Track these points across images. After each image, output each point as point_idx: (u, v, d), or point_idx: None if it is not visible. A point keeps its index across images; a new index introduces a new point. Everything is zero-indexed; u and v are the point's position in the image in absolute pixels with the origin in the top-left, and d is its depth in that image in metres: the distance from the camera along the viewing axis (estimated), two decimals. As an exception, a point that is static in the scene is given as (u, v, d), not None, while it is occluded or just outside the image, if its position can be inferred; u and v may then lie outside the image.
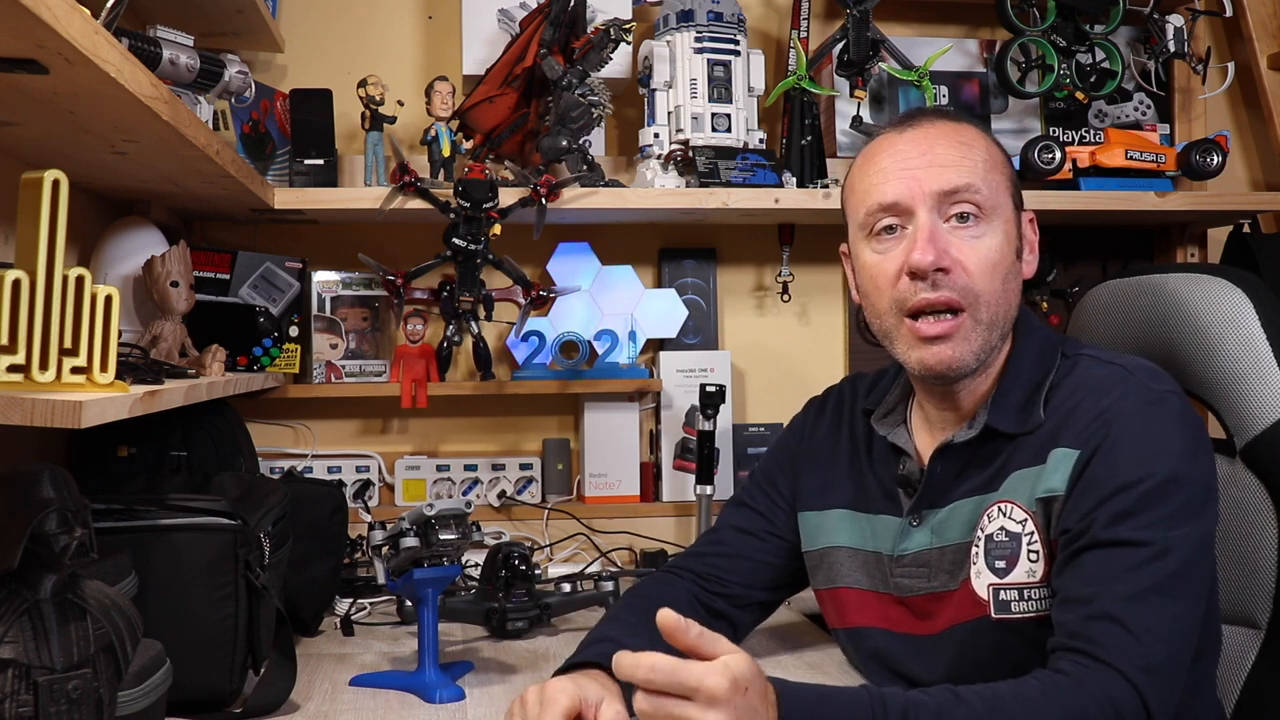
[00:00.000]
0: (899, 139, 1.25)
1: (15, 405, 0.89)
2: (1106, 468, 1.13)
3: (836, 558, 1.34)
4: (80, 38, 0.90)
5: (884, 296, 1.23)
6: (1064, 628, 1.09)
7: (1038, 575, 1.17)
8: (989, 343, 1.21)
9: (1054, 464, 1.16)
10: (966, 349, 1.20)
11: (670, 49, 2.01)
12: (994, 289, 1.20)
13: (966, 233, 1.20)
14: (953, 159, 1.21)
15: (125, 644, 0.99)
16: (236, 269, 1.87)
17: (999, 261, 1.20)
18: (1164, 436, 1.14)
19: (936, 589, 1.24)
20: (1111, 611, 1.06)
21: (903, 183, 1.21)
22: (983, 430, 1.22)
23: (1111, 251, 2.31)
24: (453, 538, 1.36)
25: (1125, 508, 1.10)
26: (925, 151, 1.22)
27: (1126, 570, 1.08)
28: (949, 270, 1.18)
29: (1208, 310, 1.37)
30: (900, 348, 1.23)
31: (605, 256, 2.16)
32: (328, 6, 2.14)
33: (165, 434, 1.62)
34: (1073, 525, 1.13)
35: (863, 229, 1.26)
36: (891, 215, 1.22)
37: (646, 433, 2.18)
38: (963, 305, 1.19)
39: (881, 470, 1.33)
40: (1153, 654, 1.05)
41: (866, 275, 1.26)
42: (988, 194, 1.21)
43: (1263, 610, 1.31)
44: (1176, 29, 2.16)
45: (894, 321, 1.23)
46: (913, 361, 1.22)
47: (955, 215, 1.20)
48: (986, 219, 1.21)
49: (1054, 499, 1.15)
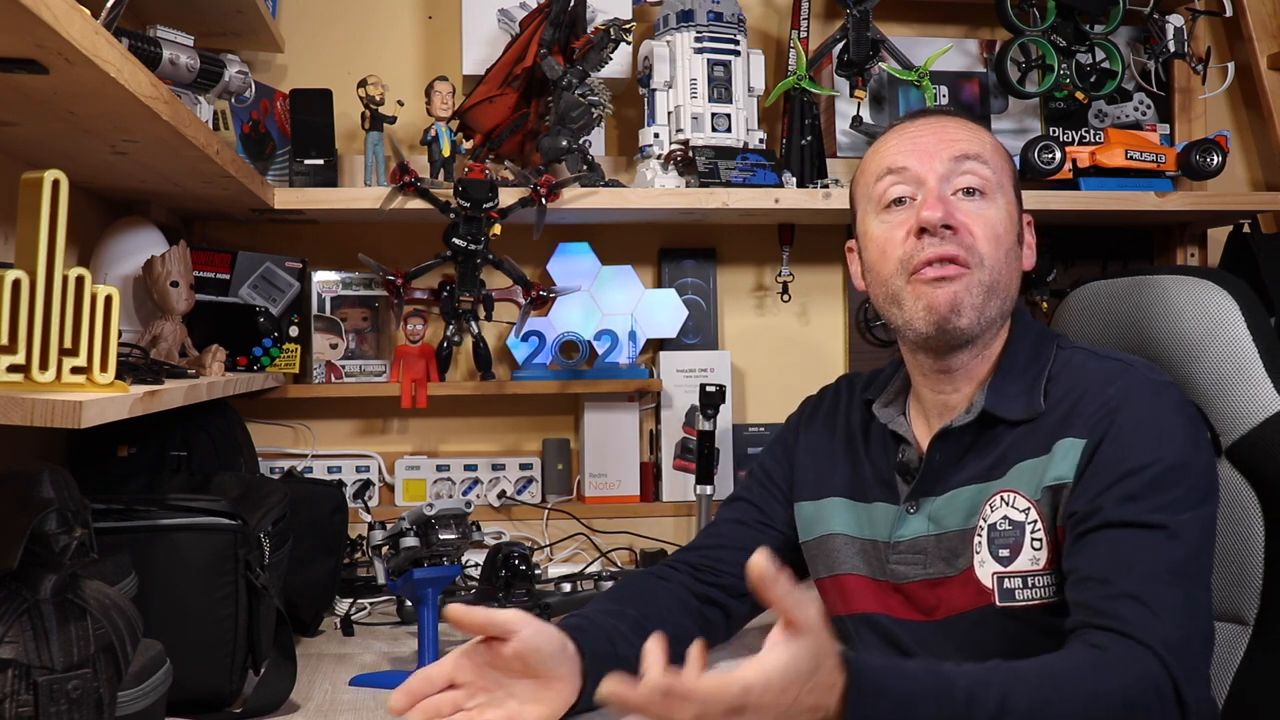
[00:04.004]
0: (911, 124, 1.31)
1: (15, 405, 0.89)
2: (1114, 453, 1.15)
3: (834, 545, 1.35)
4: (80, 38, 0.90)
5: (890, 261, 1.26)
6: (1086, 606, 1.10)
7: (1041, 563, 1.18)
8: (988, 306, 1.23)
9: (1061, 453, 1.18)
10: (969, 299, 1.22)
11: (670, 49, 2.01)
12: (997, 256, 1.24)
13: (972, 204, 1.25)
14: (964, 135, 1.28)
15: (125, 644, 0.99)
16: (236, 269, 1.87)
17: (1003, 234, 1.25)
18: (1169, 424, 1.17)
19: (932, 575, 1.25)
20: (1131, 591, 1.07)
21: (914, 154, 1.27)
22: (981, 415, 1.24)
23: (1111, 251, 2.31)
24: (453, 538, 1.36)
25: (1135, 490, 1.12)
26: (937, 130, 1.28)
27: (1141, 552, 1.10)
28: (955, 230, 1.22)
29: (1193, 312, 1.39)
30: (907, 304, 1.25)
31: (605, 256, 2.16)
32: (328, 6, 2.14)
33: (165, 434, 1.62)
34: (1081, 508, 1.14)
35: (873, 202, 1.29)
36: (901, 181, 1.26)
37: (646, 433, 2.18)
38: (967, 261, 1.22)
39: (878, 458, 1.34)
40: (1172, 633, 1.06)
41: (875, 246, 1.29)
42: (994, 171, 1.26)
43: (1250, 606, 1.32)
44: (1176, 29, 2.16)
45: (900, 282, 1.25)
46: (920, 310, 1.23)
47: (962, 189, 1.25)
48: (991, 196, 1.25)
49: (1062, 486, 1.17)
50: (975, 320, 1.23)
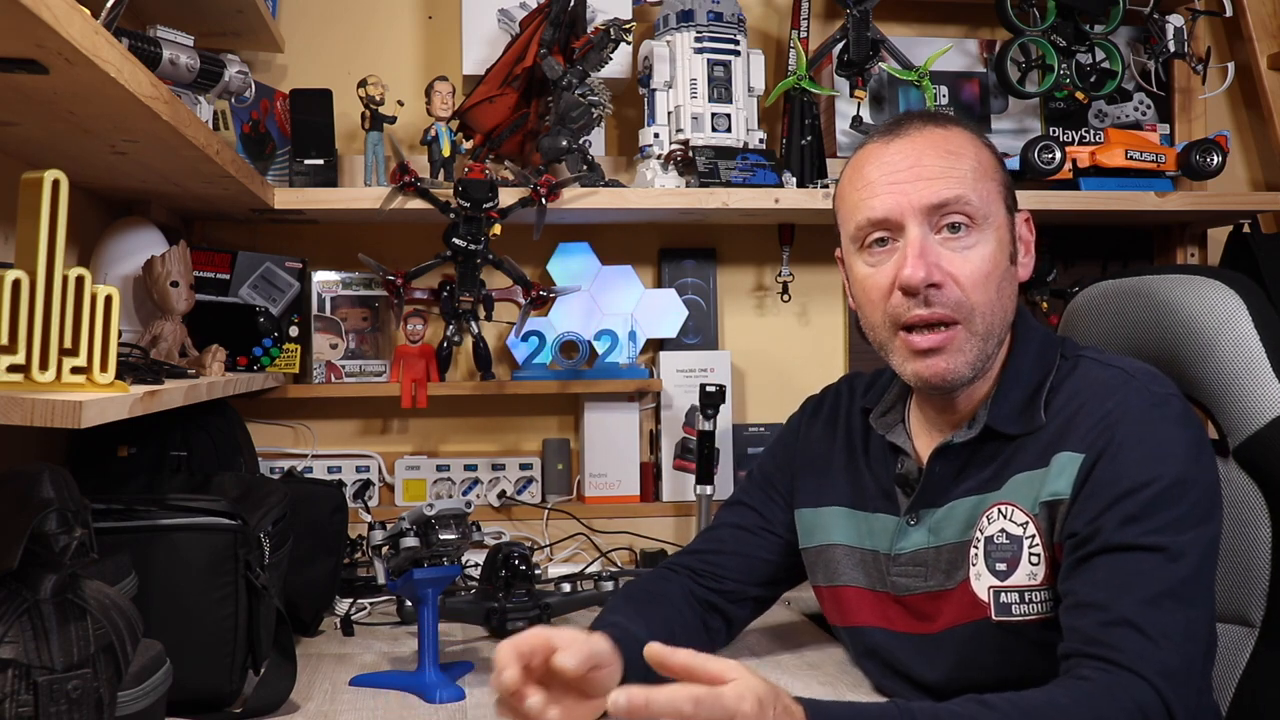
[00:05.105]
0: (885, 150, 1.24)
1: (15, 405, 0.89)
2: (1112, 471, 1.13)
3: (834, 555, 1.34)
4: (80, 38, 0.90)
5: (877, 310, 1.23)
6: (1079, 633, 1.08)
7: (1038, 578, 1.17)
8: (984, 352, 1.21)
9: (1058, 468, 1.16)
10: (961, 360, 1.20)
11: (670, 49, 2.01)
12: (988, 300, 1.19)
13: (958, 244, 1.19)
14: (940, 169, 1.20)
15: (125, 644, 0.99)
16: (236, 269, 1.87)
17: (992, 271, 1.20)
18: (1169, 440, 1.14)
19: (933, 588, 1.24)
20: (1128, 617, 1.06)
21: (891, 197, 1.20)
22: (982, 431, 1.23)
23: (1112, 251, 2.31)
24: (453, 538, 1.36)
25: (1134, 511, 1.10)
26: (913, 164, 1.21)
27: (1140, 576, 1.08)
28: (941, 285, 1.18)
29: (1201, 312, 1.38)
30: (896, 360, 1.24)
31: (605, 256, 2.16)
32: (328, 6, 2.14)
33: (165, 434, 1.62)
34: (1080, 529, 1.12)
35: (854, 241, 1.26)
36: (881, 230, 1.22)
37: (646, 433, 2.18)
38: (956, 319, 1.19)
39: (879, 469, 1.33)
40: (1170, 659, 1.04)
41: (860, 288, 1.26)
42: (978, 203, 1.20)
43: (1257, 608, 1.32)
44: (1176, 29, 2.16)
45: (888, 335, 1.23)
46: (909, 374, 1.23)
47: (946, 226, 1.19)
48: (978, 228, 1.20)
49: (1059, 503, 1.15)
50: (969, 372, 1.21)
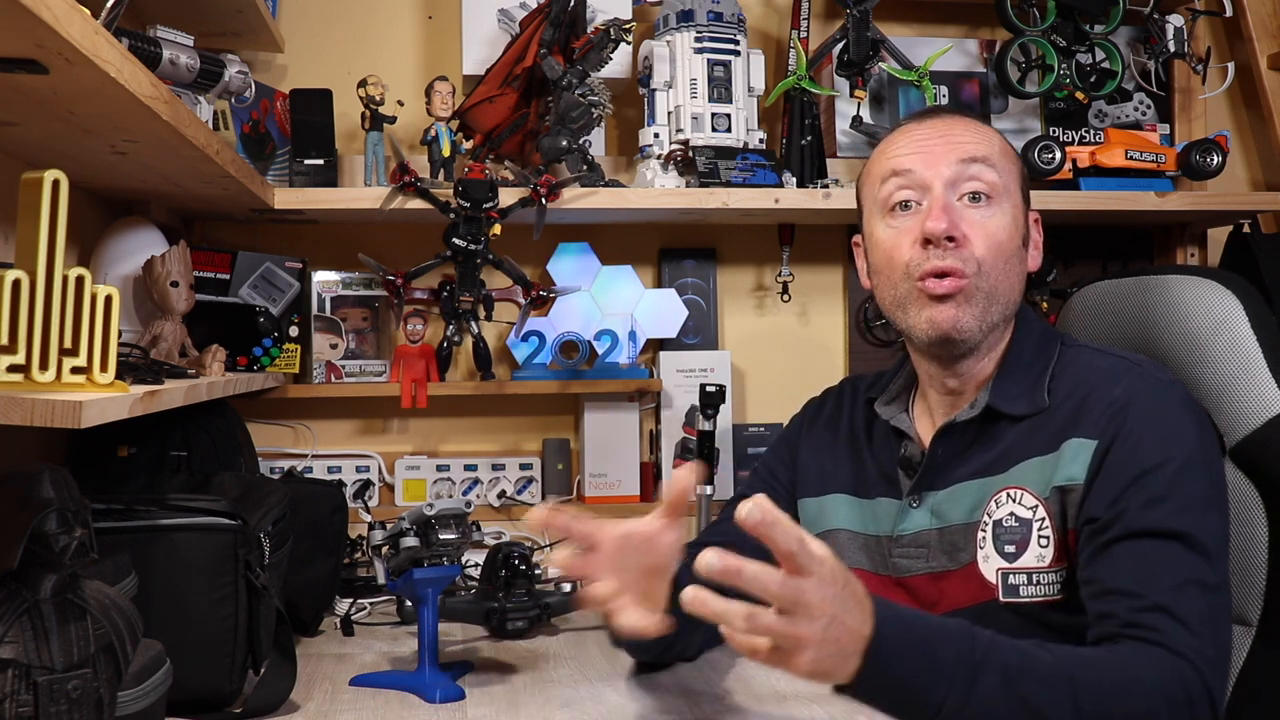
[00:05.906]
0: (918, 126, 1.32)
1: (15, 405, 0.89)
2: (1127, 454, 1.15)
3: (838, 540, 1.36)
4: (80, 38, 0.90)
5: (897, 266, 1.28)
6: (1115, 618, 1.10)
7: (1047, 560, 1.19)
8: (989, 314, 1.25)
9: (1070, 454, 1.19)
10: (969, 312, 1.24)
11: (670, 49, 2.01)
12: (997, 265, 1.25)
13: (977, 211, 1.26)
14: (970, 137, 1.28)
15: (125, 644, 0.99)
16: (236, 269, 1.87)
17: (1005, 242, 1.26)
18: (1179, 421, 1.18)
19: (935, 569, 1.26)
20: (1162, 603, 1.08)
21: (920, 156, 1.28)
22: (985, 411, 1.26)
23: (1112, 251, 2.31)
24: (453, 538, 1.36)
25: (1153, 494, 1.13)
26: (944, 132, 1.29)
27: (1166, 563, 1.10)
28: (958, 241, 1.23)
29: (1197, 312, 1.39)
30: (912, 311, 1.27)
31: (605, 256, 2.16)
32: (328, 6, 2.14)
33: (165, 434, 1.62)
34: (1100, 514, 1.15)
35: (879, 205, 1.31)
36: (908, 185, 1.27)
37: (646, 433, 2.18)
38: (967, 273, 1.24)
39: (881, 454, 1.36)
40: (1207, 647, 1.07)
41: (881, 251, 1.30)
42: (1000, 175, 1.27)
43: (1254, 608, 1.33)
44: (1176, 29, 2.16)
45: (906, 287, 1.27)
46: (923, 322, 1.26)
47: (968, 194, 1.26)
48: (997, 201, 1.26)
49: (1073, 488, 1.18)
50: (977, 329, 1.25)
